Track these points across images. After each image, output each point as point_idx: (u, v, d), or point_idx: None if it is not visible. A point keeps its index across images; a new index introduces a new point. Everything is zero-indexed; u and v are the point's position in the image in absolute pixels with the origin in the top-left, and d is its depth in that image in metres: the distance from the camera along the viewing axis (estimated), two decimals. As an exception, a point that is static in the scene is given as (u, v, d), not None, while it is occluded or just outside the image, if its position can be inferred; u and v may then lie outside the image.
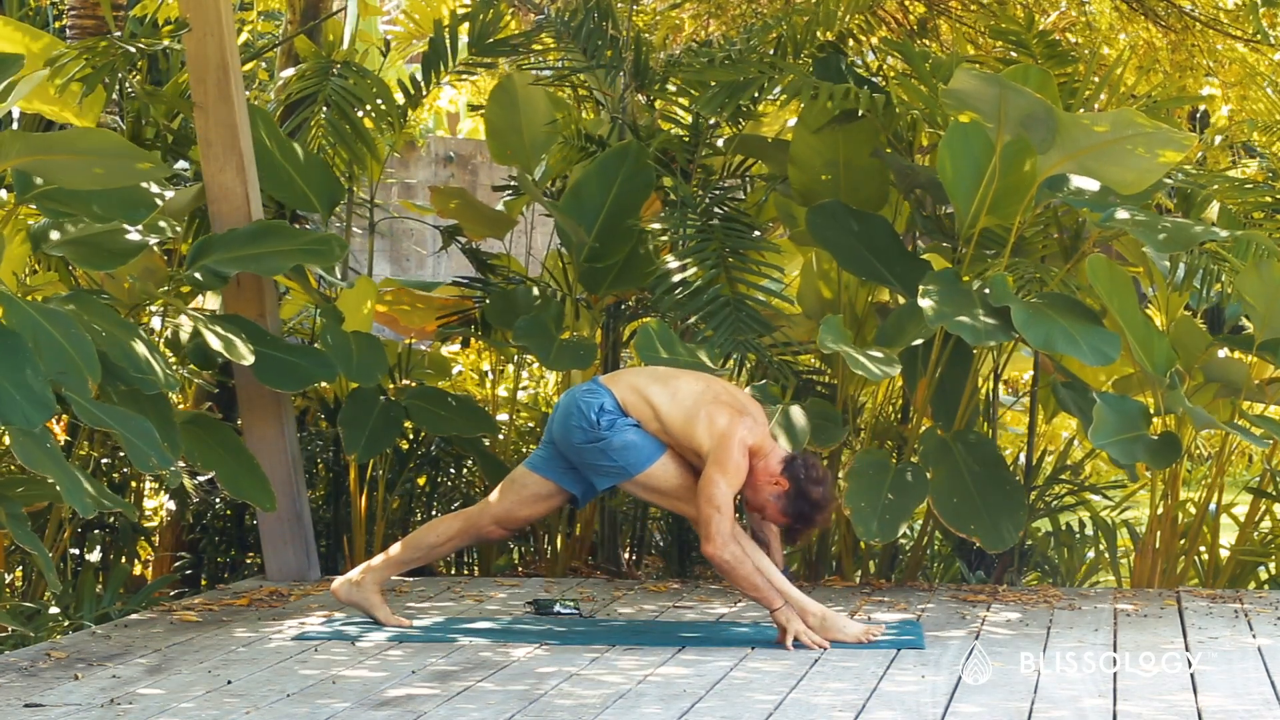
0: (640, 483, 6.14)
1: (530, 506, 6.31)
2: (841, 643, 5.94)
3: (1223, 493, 7.92)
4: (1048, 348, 6.92)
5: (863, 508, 7.05)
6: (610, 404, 6.12)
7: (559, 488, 6.27)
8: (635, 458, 6.10)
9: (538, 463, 6.30)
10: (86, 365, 5.84)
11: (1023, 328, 6.79)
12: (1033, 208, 7.21)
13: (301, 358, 7.20)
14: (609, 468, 6.12)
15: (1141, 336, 7.11)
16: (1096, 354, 6.86)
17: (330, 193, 7.80)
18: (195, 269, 7.05)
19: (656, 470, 6.10)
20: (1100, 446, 7.01)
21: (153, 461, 5.93)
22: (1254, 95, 9.46)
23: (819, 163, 7.65)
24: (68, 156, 6.03)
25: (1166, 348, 7.14)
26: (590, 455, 6.14)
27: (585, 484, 6.24)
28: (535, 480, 6.29)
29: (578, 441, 6.14)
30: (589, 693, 5.14)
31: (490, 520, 6.33)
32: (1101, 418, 6.94)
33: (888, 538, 7.07)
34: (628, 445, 6.10)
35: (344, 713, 4.85)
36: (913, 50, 7.90)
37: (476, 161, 15.58)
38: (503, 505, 6.31)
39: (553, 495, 6.30)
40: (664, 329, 7.20)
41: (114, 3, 8.35)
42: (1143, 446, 7.03)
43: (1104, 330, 6.98)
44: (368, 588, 6.33)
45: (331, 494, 8.21)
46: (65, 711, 4.84)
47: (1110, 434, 6.95)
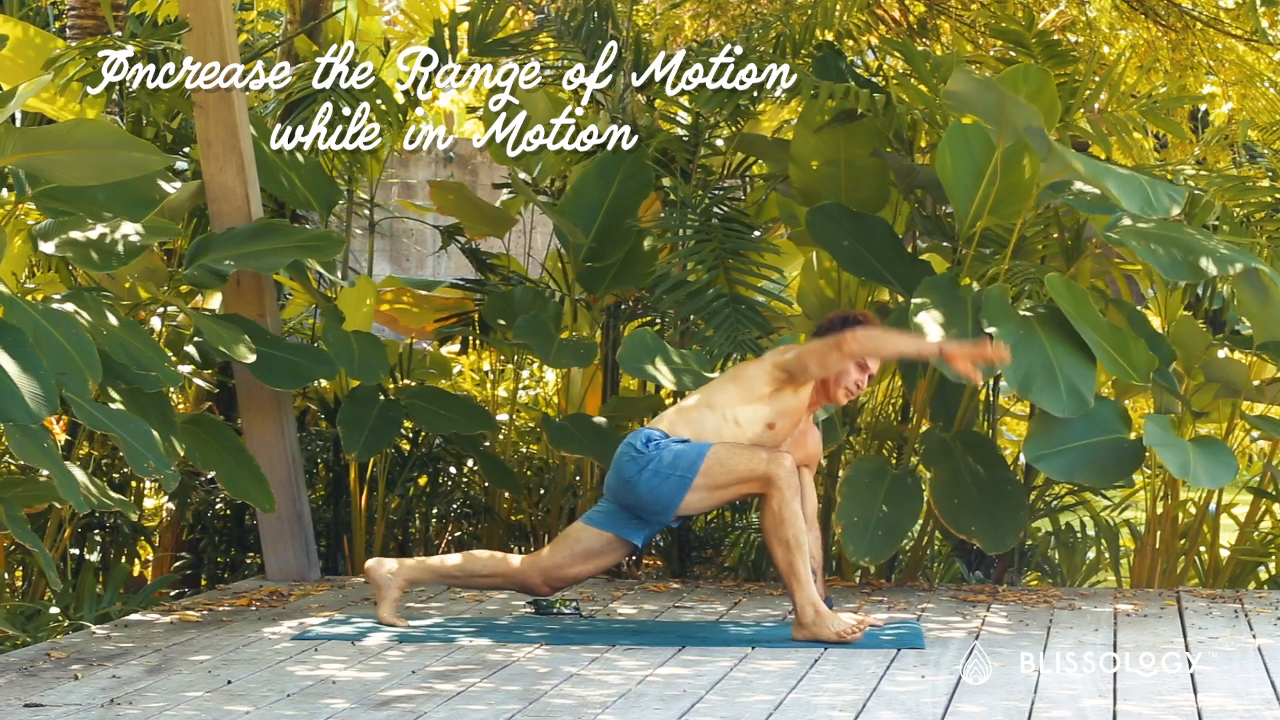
0: (704, 483, 6.05)
1: (580, 563, 6.23)
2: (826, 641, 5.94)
3: (1223, 493, 7.91)
4: (1024, 391, 6.75)
5: (855, 523, 7.02)
6: (656, 434, 6.14)
7: (616, 538, 6.20)
8: (688, 459, 6.05)
9: (594, 517, 6.27)
10: (87, 365, 5.84)
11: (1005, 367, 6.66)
12: (1034, 209, 7.20)
13: (301, 356, 7.20)
14: (669, 482, 6.05)
15: (1116, 345, 6.90)
16: (1073, 399, 6.67)
17: (327, 193, 7.80)
18: (194, 268, 7.05)
19: (711, 461, 6.03)
20: (1032, 462, 6.89)
21: (149, 464, 5.93)
22: (1254, 94, 9.46)
23: (820, 162, 7.65)
24: (62, 151, 6.02)
25: (1144, 350, 6.96)
26: (646, 482, 6.07)
27: (649, 529, 6.20)
28: (590, 534, 6.23)
29: (630, 475, 6.09)
30: (589, 693, 5.14)
31: (538, 574, 6.25)
32: (1041, 427, 6.78)
33: (879, 558, 7.04)
34: (677, 455, 6.07)
35: (344, 713, 4.85)
36: (913, 50, 7.89)
37: (476, 161, 15.57)
38: (553, 559, 6.25)
39: (606, 550, 6.22)
40: (653, 337, 7.19)
41: (114, 3, 8.35)
42: (1091, 459, 6.86)
43: (1087, 366, 6.77)
44: (398, 581, 6.30)
45: (331, 494, 8.21)
46: (65, 711, 4.83)
47: (1045, 447, 6.81)
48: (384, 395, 7.66)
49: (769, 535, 6.03)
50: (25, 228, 6.71)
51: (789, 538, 5.98)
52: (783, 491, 5.98)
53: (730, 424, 6.11)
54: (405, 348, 8.36)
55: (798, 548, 5.98)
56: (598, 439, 7.53)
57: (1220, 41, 9.32)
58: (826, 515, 7.89)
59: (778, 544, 6.01)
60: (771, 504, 6.00)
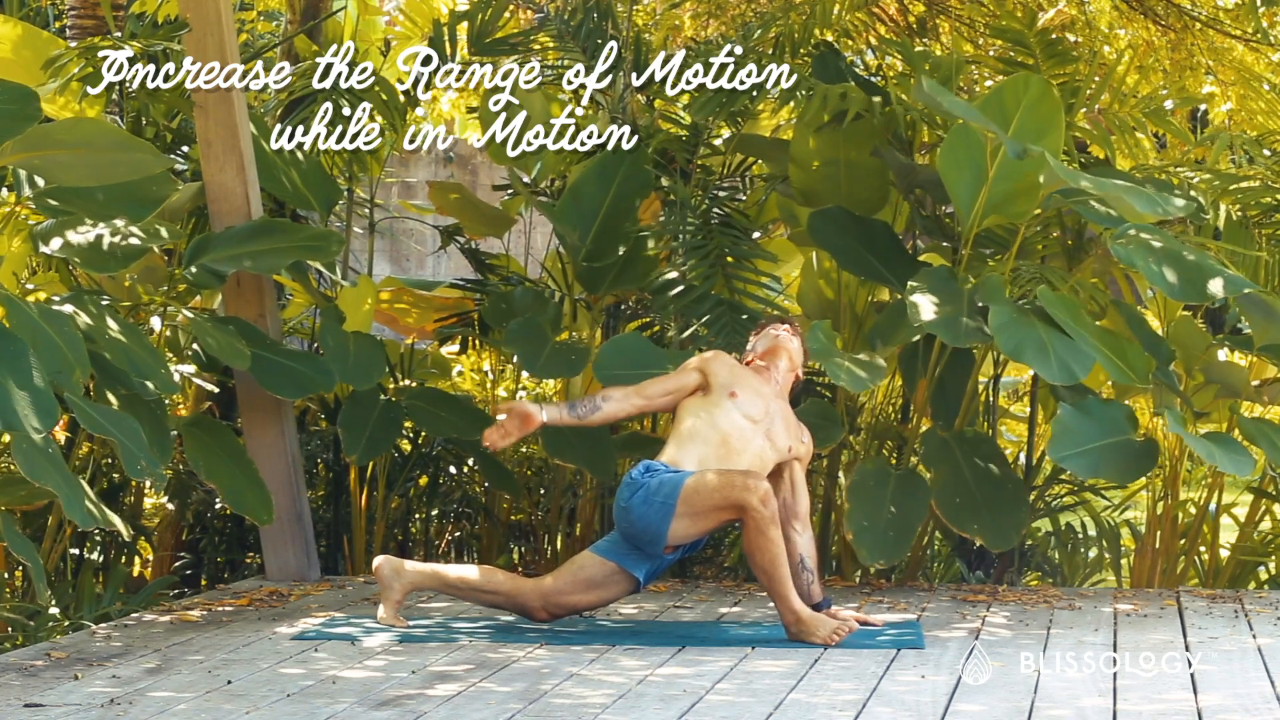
0: (686, 511, 6.05)
1: (582, 592, 6.22)
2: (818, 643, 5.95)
3: (1223, 493, 7.91)
4: (1016, 356, 6.80)
5: (865, 528, 7.02)
6: (656, 465, 6.17)
7: (619, 569, 6.18)
8: (670, 486, 6.07)
9: (601, 545, 6.28)
10: (77, 361, 5.83)
11: (997, 331, 6.70)
12: (1036, 210, 7.19)
13: (301, 364, 7.18)
14: (654, 512, 6.06)
15: (1114, 349, 6.90)
16: (1063, 371, 6.70)
17: (327, 193, 7.80)
18: (193, 268, 7.04)
19: (690, 487, 6.04)
20: (1059, 461, 6.93)
21: (141, 465, 5.92)
22: (1253, 95, 9.46)
23: (820, 162, 7.65)
24: (61, 151, 6.02)
25: (1140, 352, 6.95)
26: (637, 509, 6.08)
27: (649, 563, 6.19)
28: (594, 562, 6.22)
29: (624, 502, 6.12)
30: (590, 692, 5.14)
31: (539, 598, 6.24)
32: (1060, 429, 6.81)
33: (893, 559, 7.04)
34: (662, 482, 6.09)
35: (344, 713, 4.85)
36: (912, 50, 7.89)
37: (476, 161, 15.58)
38: (555, 585, 6.23)
39: (608, 581, 6.20)
40: (635, 338, 7.20)
41: (114, 2, 8.35)
42: (1111, 457, 6.90)
43: (1080, 347, 6.79)
44: (404, 583, 6.28)
45: (331, 494, 8.21)
46: (65, 711, 4.83)
47: (1069, 447, 6.83)
48: (384, 396, 7.65)
49: (748, 560, 6.10)
50: (25, 228, 6.71)
51: (764, 565, 6.00)
52: (757, 519, 5.99)
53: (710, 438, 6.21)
54: (406, 348, 8.36)
55: (774, 570, 5.99)
56: (595, 448, 7.50)
57: (1220, 42, 9.32)
58: (827, 517, 7.90)
59: (756, 570, 6.07)
60: (748, 531, 6.04)
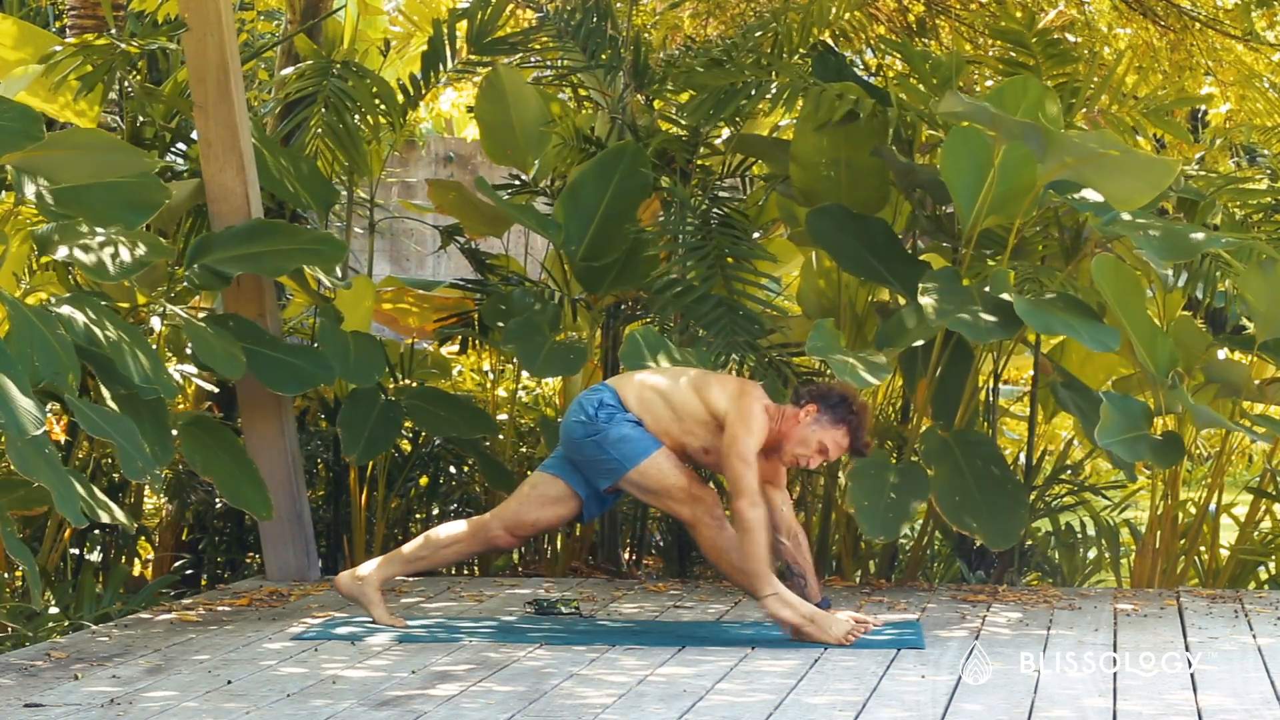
0: (634, 480, 6.12)
1: (539, 509, 6.25)
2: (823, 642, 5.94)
3: (1223, 493, 7.92)
4: (1048, 332, 7.00)
5: (866, 506, 7.06)
6: (610, 399, 6.14)
7: (569, 489, 6.22)
8: (630, 450, 6.09)
9: (550, 463, 6.31)
10: (69, 362, 5.83)
11: (1025, 316, 6.81)
12: (1034, 209, 7.20)
13: (301, 359, 7.19)
14: (606, 462, 6.11)
15: (1146, 336, 7.13)
16: (1096, 342, 6.90)
17: (326, 193, 7.80)
18: (194, 268, 7.04)
19: (650, 466, 6.09)
20: (1105, 446, 7.00)
21: (139, 466, 5.91)
22: (1252, 95, 9.47)
23: (820, 161, 7.65)
24: (57, 152, 6.02)
25: (1170, 348, 7.15)
26: (589, 450, 6.13)
27: (591, 487, 6.23)
28: (545, 480, 6.27)
29: (577, 437, 6.14)
30: (590, 692, 5.14)
31: (499, 524, 6.27)
32: (1108, 417, 6.95)
33: (891, 536, 7.09)
34: (623, 438, 6.10)
35: (344, 713, 4.85)
36: (912, 50, 7.89)
37: (476, 161, 15.59)
38: (510, 507, 6.28)
39: (562, 499, 6.24)
40: (651, 334, 7.19)
41: (114, 2, 8.35)
42: (1147, 446, 7.05)
43: (1104, 325, 7.02)
44: (370, 585, 6.31)
45: (331, 494, 8.21)
46: (65, 711, 4.83)
47: (1116, 433, 6.96)
48: (384, 396, 7.65)
49: (719, 568, 6.14)
50: (25, 229, 6.70)
51: (755, 544, 5.92)
52: (705, 528, 6.06)
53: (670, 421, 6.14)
54: (406, 348, 8.36)
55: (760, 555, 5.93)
56: None
57: (1219, 42, 9.33)
58: (827, 517, 7.90)
59: (732, 573, 6.09)
60: (702, 541, 6.10)
